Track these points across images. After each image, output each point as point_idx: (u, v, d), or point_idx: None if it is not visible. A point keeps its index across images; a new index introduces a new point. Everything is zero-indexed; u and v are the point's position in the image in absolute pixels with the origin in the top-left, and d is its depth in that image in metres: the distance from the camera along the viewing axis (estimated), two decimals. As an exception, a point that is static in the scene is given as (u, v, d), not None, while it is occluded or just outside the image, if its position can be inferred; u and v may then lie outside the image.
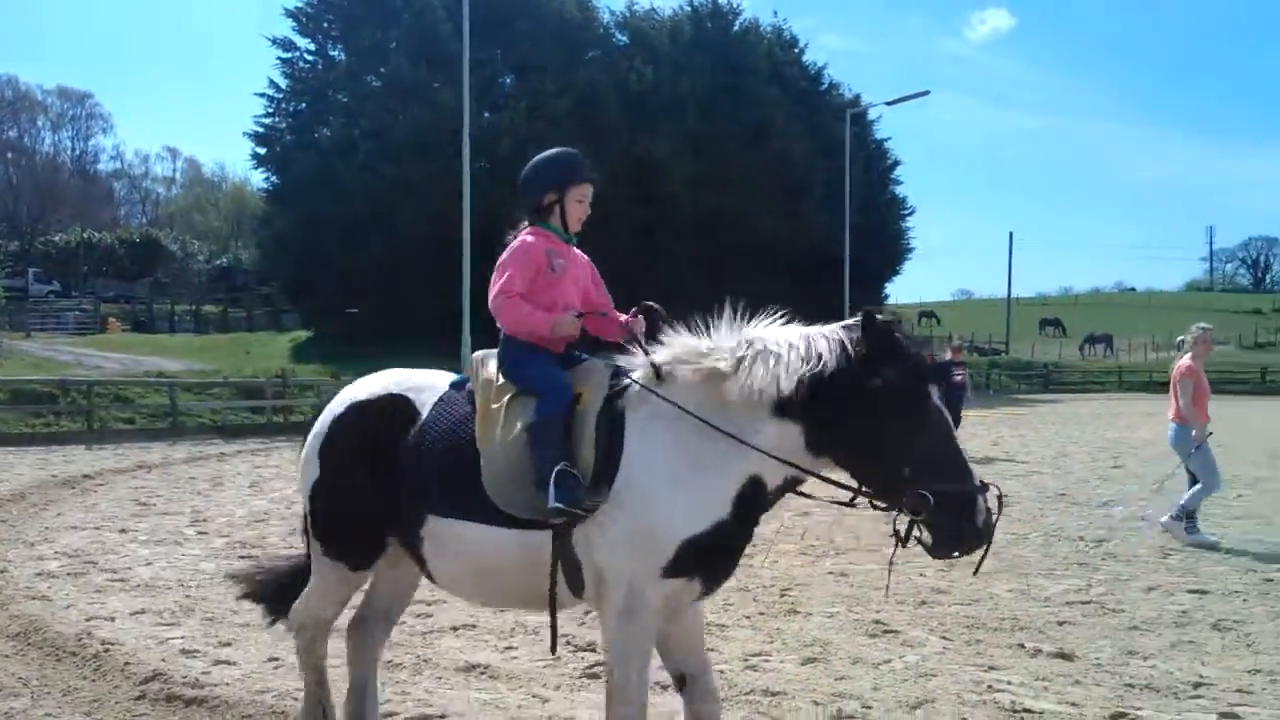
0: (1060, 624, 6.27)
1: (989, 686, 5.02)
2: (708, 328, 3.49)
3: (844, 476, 3.35)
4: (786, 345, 3.27)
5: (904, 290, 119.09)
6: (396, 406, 3.71)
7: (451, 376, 3.89)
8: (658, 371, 3.45)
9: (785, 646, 5.76)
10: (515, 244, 3.73)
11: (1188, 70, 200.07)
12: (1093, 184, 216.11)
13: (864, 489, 3.32)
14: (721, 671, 4.96)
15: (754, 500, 3.36)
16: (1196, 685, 5.05)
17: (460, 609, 6.19)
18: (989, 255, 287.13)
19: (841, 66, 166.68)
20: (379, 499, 3.60)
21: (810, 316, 3.51)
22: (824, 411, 3.20)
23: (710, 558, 3.35)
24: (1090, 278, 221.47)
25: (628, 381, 3.51)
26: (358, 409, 3.79)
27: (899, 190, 50.35)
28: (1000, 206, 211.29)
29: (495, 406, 3.51)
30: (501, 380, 3.58)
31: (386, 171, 36.13)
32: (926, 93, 40.07)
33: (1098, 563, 8.22)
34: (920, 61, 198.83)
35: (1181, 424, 8.94)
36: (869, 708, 4.70)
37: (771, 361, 3.24)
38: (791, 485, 3.42)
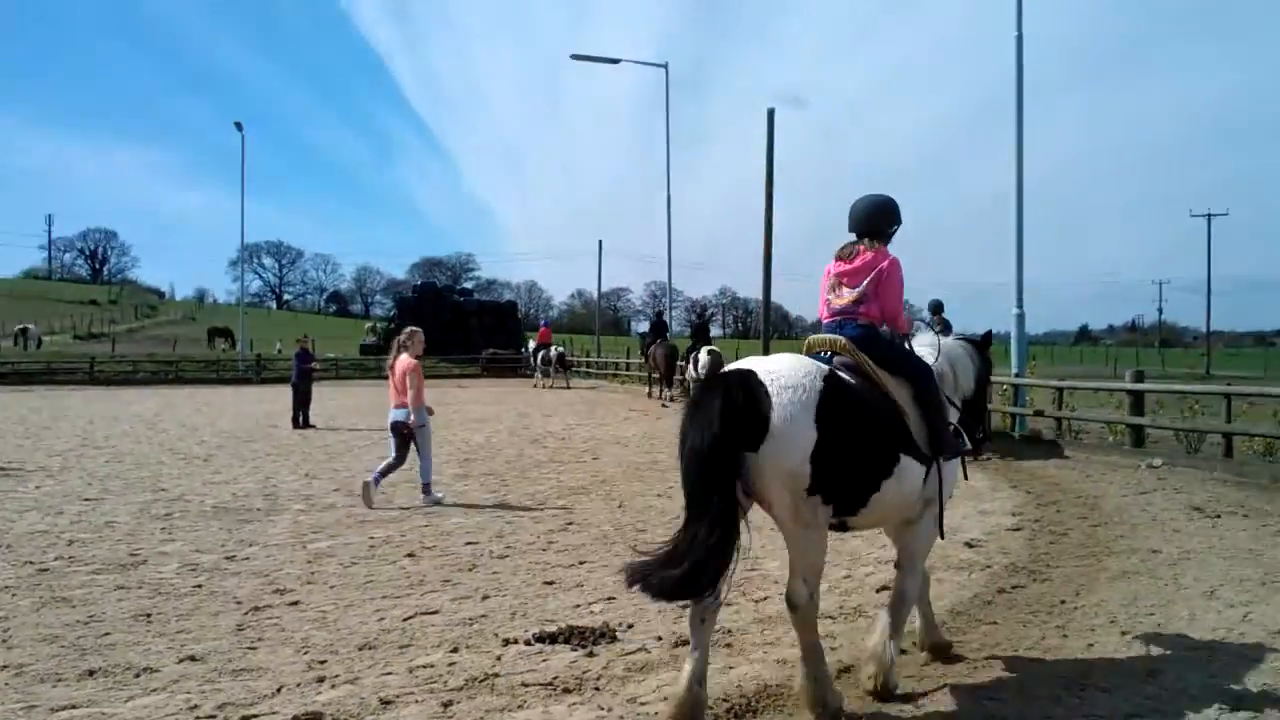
0: None
1: None
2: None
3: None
4: (966, 353, 5.79)
5: None
6: (843, 379, 4.62)
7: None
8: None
9: None
10: (897, 269, 5.12)
11: (23, 59, 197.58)
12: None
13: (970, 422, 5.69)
14: None
15: None
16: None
17: None
18: None
19: None
20: (873, 450, 4.54)
21: None
22: (976, 388, 5.77)
23: None
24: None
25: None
26: (831, 381, 4.46)
27: None
28: None
29: (892, 381, 4.87)
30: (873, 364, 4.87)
31: None
32: None
33: None
34: None
35: (417, 405, 10.88)
36: None
37: (967, 363, 5.74)
38: None
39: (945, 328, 19.95)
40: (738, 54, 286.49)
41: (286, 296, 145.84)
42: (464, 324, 52.81)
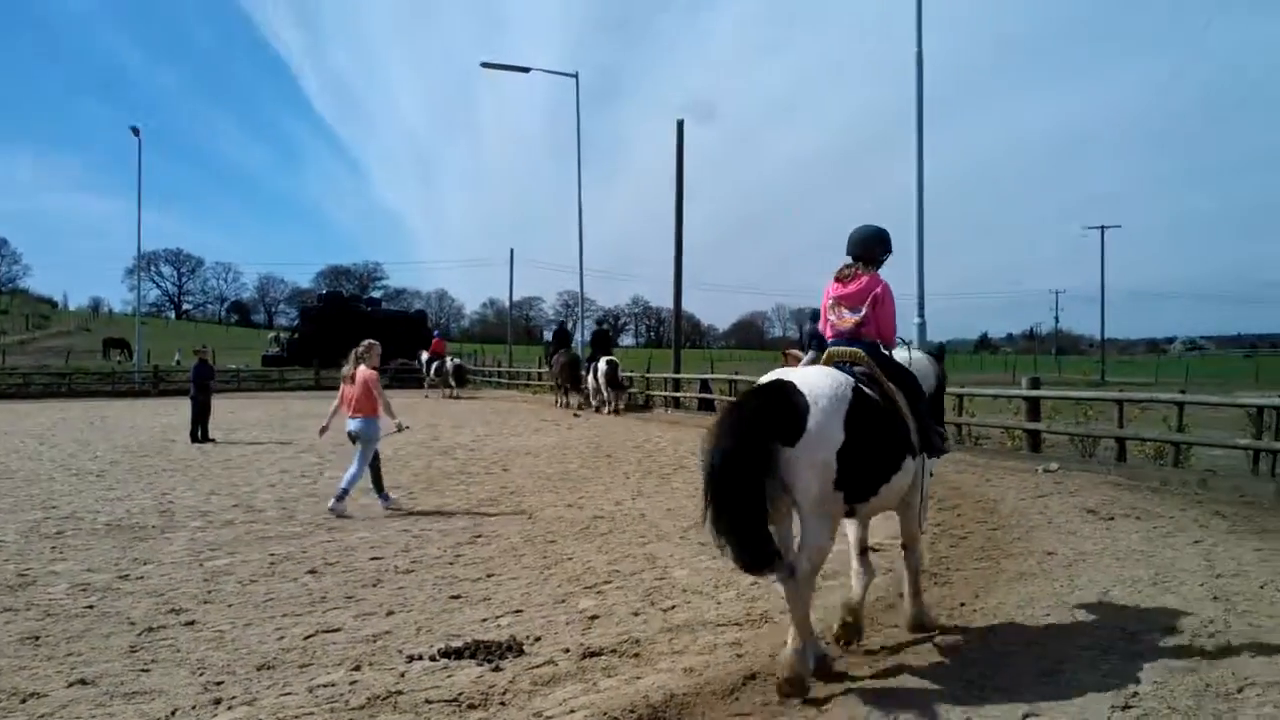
0: None
1: None
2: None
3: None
4: (928, 364, 6.64)
5: None
6: (865, 392, 5.36)
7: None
8: None
9: None
10: (889, 293, 5.92)
11: None
12: None
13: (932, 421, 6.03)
14: None
15: None
16: None
17: None
18: None
19: None
20: (885, 451, 5.35)
21: None
22: (934, 392, 6.50)
23: None
24: None
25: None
26: (856, 391, 5.25)
27: None
28: None
29: (894, 389, 5.60)
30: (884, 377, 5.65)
31: None
32: None
33: None
34: None
35: (370, 417, 11.16)
36: None
37: (928, 371, 6.54)
38: None
39: (820, 338, 20.52)
40: (649, 65, 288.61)
41: (186, 306, 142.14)
42: (372, 334, 51.81)
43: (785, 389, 5.12)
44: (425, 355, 40.36)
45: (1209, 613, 6.20)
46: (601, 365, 27.55)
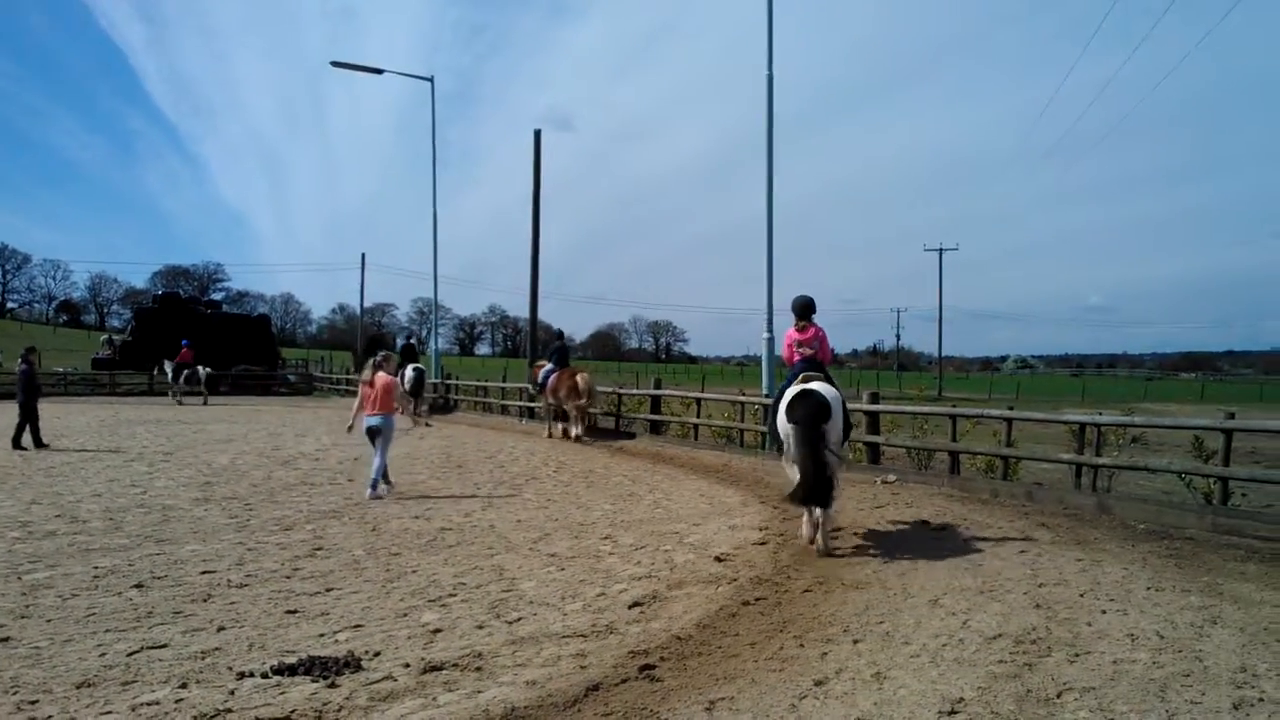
0: None
1: None
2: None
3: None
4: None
5: None
6: (841, 393, 9.58)
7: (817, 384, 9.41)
8: None
9: None
10: (826, 336, 10.09)
11: None
12: None
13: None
14: None
15: None
16: None
17: None
18: None
19: None
20: (848, 424, 10.17)
21: None
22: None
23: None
24: None
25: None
26: (841, 393, 9.54)
27: None
28: None
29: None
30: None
31: None
32: None
33: None
34: None
35: (388, 414, 13.14)
36: None
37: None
38: None
39: (563, 353, 23.25)
40: (506, 75, 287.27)
41: (10, 305, 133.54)
42: (211, 338, 49.62)
43: (818, 394, 9.04)
44: (170, 366, 39.02)
45: (1031, 620, 6.52)
46: (408, 373, 29.70)
